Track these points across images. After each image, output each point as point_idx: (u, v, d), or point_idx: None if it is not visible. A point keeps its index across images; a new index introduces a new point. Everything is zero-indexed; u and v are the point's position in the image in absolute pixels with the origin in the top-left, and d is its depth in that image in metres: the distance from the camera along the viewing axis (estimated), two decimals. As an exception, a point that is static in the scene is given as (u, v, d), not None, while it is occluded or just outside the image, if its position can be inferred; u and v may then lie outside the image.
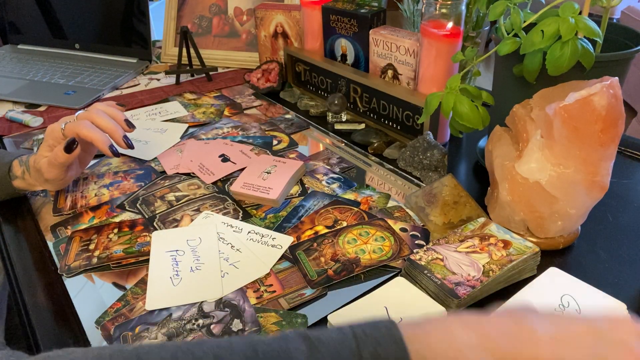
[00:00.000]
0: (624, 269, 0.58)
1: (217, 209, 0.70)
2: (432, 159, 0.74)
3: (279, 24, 1.07)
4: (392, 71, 0.86)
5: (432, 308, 0.50)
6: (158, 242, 0.63)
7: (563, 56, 0.56)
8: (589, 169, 0.55)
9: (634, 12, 2.61)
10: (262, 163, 0.78)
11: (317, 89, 1.03)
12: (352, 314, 0.50)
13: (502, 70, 0.70)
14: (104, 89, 1.09)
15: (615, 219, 0.66)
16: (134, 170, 0.80)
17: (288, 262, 0.60)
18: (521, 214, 0.59)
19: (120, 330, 0.51)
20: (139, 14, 1.22)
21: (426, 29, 0.75)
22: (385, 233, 0.64)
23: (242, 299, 0.55)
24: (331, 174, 0.77)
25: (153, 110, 1.00)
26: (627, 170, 0.77)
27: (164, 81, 1.16)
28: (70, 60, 1.25)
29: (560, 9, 0.58)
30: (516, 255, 0.55)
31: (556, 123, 0.54)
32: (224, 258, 0.60)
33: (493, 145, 0.64)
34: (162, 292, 0.56)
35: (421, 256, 0.55)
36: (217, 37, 1.24)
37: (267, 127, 0.93)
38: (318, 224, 0.66)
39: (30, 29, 1.33)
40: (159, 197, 0.72)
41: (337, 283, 0.57)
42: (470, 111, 0.64)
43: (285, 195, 0.73)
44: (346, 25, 0.91)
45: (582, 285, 0.52)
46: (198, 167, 0.79)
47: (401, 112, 0.84)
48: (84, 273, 0.60)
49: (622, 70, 0.64)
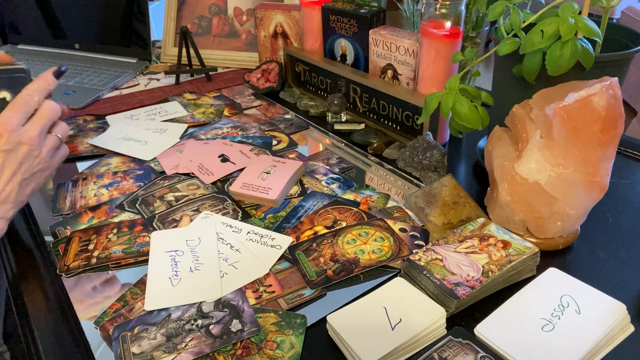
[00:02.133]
0: (624, 269, 0.58)
1: (216, 209, 0.70)
2: (431, 159, 0.74)
3: (278, 24, 1.07)
4: (391, 71, 0.86)
5: (431, 308, 0.50)
6: (157, 242, 0.63)
7: (563, 56, 0.56)
8: (588, 170, 0.55)
9: (634, 12, 2.61)
10: (262, 163, 0.78)
11: (316, 89, 1.03)
12: (352, 314, 0.50)
13: (501, 70, 0.70)
14: (104, 89, 1.09)
15: (614, 220, 0.66)
16: (134, 170, 0.80)
17: (287, 262, 0.60)
18: (520, 214, 0.59)
19: (119, 330, 0.51)
20: (139, 14, 1.22)
21: (426, 29, 0.75)
22: (384, 233, 0.63)
23: (241, 300, 0.54)
24: (331, 174, 0.77)
25: (152, 111, 1.00)
26: (627, 170, 0.77)
27: (164, 81, 1.16)
28: (70, 60, 1.25)
29: (560, 9, 0.58)
30: (515, 255, 0.55)
31: (556, 123, 0.54)
32: (223, 258, 0.60)
33: (492, 145, 0.64)
34: (161, 293, 0.56)
35: (420, 256, 0.55)
36: (216, 37, 1.24)
37: (266, 127, 0.93)
38: (317, 224, 0.66)
39: (30, 29, 1.33)
40: (158, 198, 0.72)
41: (336, 283, 0.57)
42: (470, 111, 0.64)
43: (285, 196, 0.72)
44: (346, 25, 0.90)
45: (582, 286, 0.52)
46: (197, 167, 0.79)
47: (401, 112, 0.84)
48: (83, 273, 0.60)
49: (622, 70, 0.64)
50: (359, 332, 0.48)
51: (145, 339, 0.50)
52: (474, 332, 0.49)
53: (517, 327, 0.48)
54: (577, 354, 0.45)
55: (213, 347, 0.49)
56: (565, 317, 0.49)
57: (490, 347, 0.47)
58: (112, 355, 0.49)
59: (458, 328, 0.49)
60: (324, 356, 0.49)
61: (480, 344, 0.47)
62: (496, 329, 0.48)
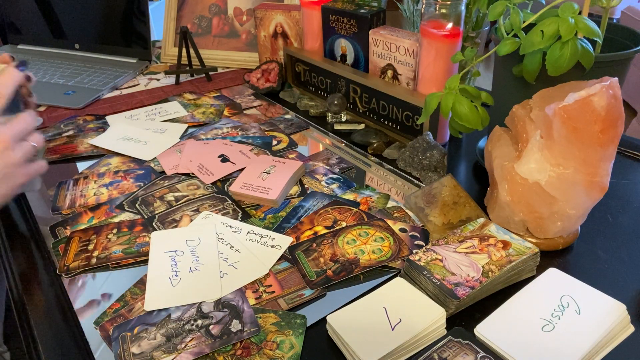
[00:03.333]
0: (624, 269, 0.58)
1: (216, 209, 0.70)
2: (431, 160, 0.74)
3: (278, 24, 1.07)
4: (391, 71, 0.86)
5: (431, 309, 0.50)
6: (157, 242, 0.63)
7: (563, 56, 0.56)
8: (588, 170, 0.55)
9: (634, 12, 2.61)
10: (262, 163, 0.78)
11: (316, 89, 1.02)
12: (352, 314, 0.50)
13: (501, 70, 0.70)
14: (104, 89, 1.09)
15: (614, 220, 0.66)
16: (134, 170, 0.80)
17: (287, 262, 0.60)
18: (520, 214, 0.59)
19: (119, 330, 0.51)
20: (139, 14, 1.22)
21: (426, 29, 0.75)
22: (384, 233, 0.63)
23: (241, 300, 0.54)
24: (331, 174, 0.77)
25: (152, 111, 1.00)
26: (627, 170, 0.77)
27: (164, 81, 1.16)
28: (70, 60, 1.25)
29: (560, 9, 0.58)
30: (515, 255, 0.55)
31: (556, 123, 0.54)
32: (223, 258, 0.60)
33: (492, 145, 0.64)
34: (161, 293, 0.56)
35: (420, 257, 0.55)
36: (216, 37, 1.24)
37: (266, 127, 0.93)
38: (317, 225, 0.66)
39: (30, 29, 1.33)
40: (158, 198, 0.72)
41: (336, 283, 0.57)
42: (470, 111, 0.64)
43: (285, 196, 0.72)
44: (346, 26, 0.90)
45: (582, 286, 0.52)
46: (197, 167, 0.79)
47: (401, 113, 0.84)
48: (83, 273, 0.60)
49: (622, 70, 0.64)
50: (359, 332, 0.48)
51: (145, 339, 0.50)
52: (473, 333, 0.49)
53: (517, 328, 0.48)
54: (577, 354, 0.45)
55: (213, 348, 0.49)
56: (565, 317, 0.49)
57: (490, 347, 0.47)
58: (112, 355, 0.49)
59: (458, 328, 0.49)
60: (324, 356, 0.49)
61: (480, 344, 0.47)
62: (496, 329, 0.48)
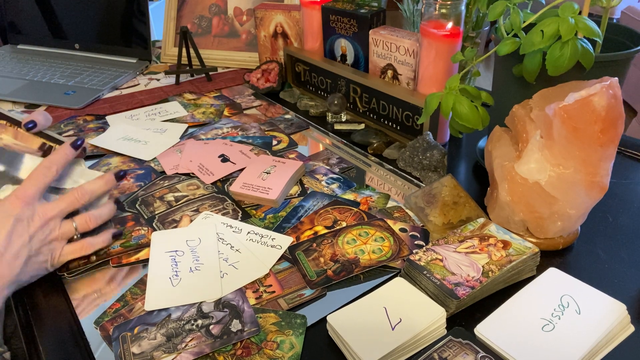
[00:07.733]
0: (624, 269, 0.58)
1: (216, 209, 0.70)
2: (431, 159, 0.74)
3: (278, 24, 1.07)
4: (391, 71, 0.86)
5: (431, 309, 0.50)
6: (157, 242, 0.63)
7: (563, 56, 0.56)
8: (588, 170, 0.55)
9: (634, 12, 2.61)
10: (262, 163, 0.78)
11: (316, 89, 1.02)
12: (352, 314, 0.50)
13: (501, 70, 0.70)
14: (104, 89, 1.09)
15: (615, 220, 0.66)
16: (134, 170, 0.80)
17: (287, 262, 0.60)
18: (521, 214, 0.59)
19: (119, 330, 0.51)
20: (139, 14, 1.22)
21: (426, 29, 0.75)
22: (384, 233, 0.63)
23: (242, 300, 0.54)
24: (331, 174, 0.77)
25: (153, 111, 1.00)
26: (627, 170, 0.77)
27: (164, 81, 1.16)
28: (70, 60, 1.25)
29: (560, 9, 0.58)
30: (516, 255, 0.55)
31: (556, 123, 0.54)
32: (224, 258, 0.60)
33: (493, 145, 0.64)
34: (161, 293, 0.56)
35: (420, 257, 0.55)
36: (216, 37, 1.24)
37: (266, 127, 0.93)
38: (317, 225, 0.66)
39: (30, 29, 1.33)
40: (158, 198, 0.72)
41: (336, 283, 0.57)
42: (470, 111, 0.64)
43: (285, 196, 0.72)
44: (346, 26, 0.90)
45: (582, 286, 0.52)
46: (197, 167, 0.79)
47: (401, 113, 0.84)
48: (83, 273, 0.60)
49: (622, 70, 0.64)
50: (359, 332, 0.48)
51: (145, 339, 0.50)
52: (474, 332, 0.49)
53: (517, 327, 0.48)
54: (577, 354, 0.45)
55: (213, 347, 0.49)
56: (566, 317, 0.49)
57: (490, 347, 0.47)
58: (112, 355, 0.49)
59: (458, 328, 0.49)
60: (324, 356, 0.49)
61: (480, 344, 0.47)
62: (496, 329, 0.48)
